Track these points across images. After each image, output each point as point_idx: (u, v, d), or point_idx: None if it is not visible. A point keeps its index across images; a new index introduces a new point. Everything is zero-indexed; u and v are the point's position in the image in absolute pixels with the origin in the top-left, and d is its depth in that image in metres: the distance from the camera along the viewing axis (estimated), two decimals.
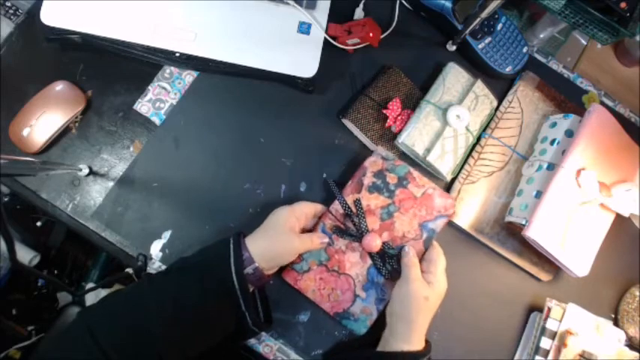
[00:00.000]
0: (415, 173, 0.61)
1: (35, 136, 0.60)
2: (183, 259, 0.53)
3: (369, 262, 0.57)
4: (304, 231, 0.59)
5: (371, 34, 0.66)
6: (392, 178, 0.60)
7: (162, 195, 0.62)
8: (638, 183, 0.66)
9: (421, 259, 0.58)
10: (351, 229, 0.57)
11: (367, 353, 0.55)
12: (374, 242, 0.55)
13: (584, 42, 0.87)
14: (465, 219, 0.66)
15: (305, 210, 0.57)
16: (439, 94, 0.67)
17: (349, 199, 0.58)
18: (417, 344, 0.52)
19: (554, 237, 0.62)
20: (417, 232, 0.58)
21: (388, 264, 0.57)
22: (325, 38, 0.66)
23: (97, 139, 0.63)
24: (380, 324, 0.58)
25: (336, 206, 0.58)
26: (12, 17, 0.78)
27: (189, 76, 0.66)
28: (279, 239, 0.52)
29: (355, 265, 0.56)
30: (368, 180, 0.59)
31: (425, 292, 0.53)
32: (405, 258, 0.55)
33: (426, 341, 0.54)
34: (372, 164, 0.61)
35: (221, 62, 0.64)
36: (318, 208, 0.59)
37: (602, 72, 0.86)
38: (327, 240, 0.56)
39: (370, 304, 0.56)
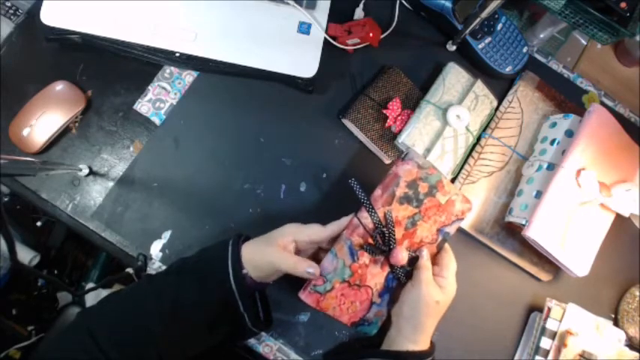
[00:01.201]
0: (445, 181, 0.56)
1: (35, 136, 0.60)
2: (183, 259, 0.53)
3: (387, 269, 0.55)
4: (313, 255, 0.55)
5: (371, 34, 0.66)
6: (423, 187, 0.54)
7: (162, 195, 0.62)
8: (638, 183, 0.66)
9: (433, 261, 0.56)
10: (379, 243, 0.53)
11: (372, 352, 0.55)
12: (401, 255, 0.52)
13: (584, 42, 0.87)
14: (465, 219, 0.66)
15: (312, 235, 0.52)
16: (439, 94, 0.67)
17: (380, 213, 0.52)
18: (423, 345, 0.52)
19: (554, 237, 0.62)
20: (435, 236, 0.56)
21: (404, 268, 0.55)
22: (325, 38, 0.66)
23: (97, 139, 0.63)
24: (382, 325, 0.57)
25: (362, 218, 0.52)
26: (12, 17, 0.78)
27: (189, 76, 0.66)
28: (265, 251, 0.50)
29: (375, 275, 0.54)
30: (400, 191, 0.53)
31: (437, 297, 0.52)
32: (420, 261, 0.54)
33: (431, 342, 0.54)
34: (406, 173, 0.53)
35: (221, 62, 0.64)
36: (334, 229, 0.52)
37: (602, 72, 0.86)
38: (313, 271, 0.49)
39: (383, 308, 0.55)
